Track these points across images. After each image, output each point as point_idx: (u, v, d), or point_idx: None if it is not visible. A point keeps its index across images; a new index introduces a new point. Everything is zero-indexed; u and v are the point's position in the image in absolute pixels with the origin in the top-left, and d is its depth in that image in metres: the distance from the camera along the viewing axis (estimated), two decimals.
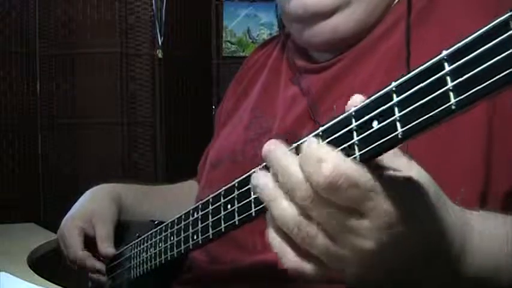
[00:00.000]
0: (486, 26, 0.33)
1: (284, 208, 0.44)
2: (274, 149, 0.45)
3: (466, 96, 0.34)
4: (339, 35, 0.76)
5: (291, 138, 0.76)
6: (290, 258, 0.46)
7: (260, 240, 0.74)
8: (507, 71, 0.32)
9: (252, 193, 0.52)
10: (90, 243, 0.96)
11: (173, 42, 2.48)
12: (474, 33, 0.34)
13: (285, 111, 0.81)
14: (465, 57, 0.34)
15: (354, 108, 0.42)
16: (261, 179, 0.46)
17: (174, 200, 1.08)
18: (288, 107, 0.81)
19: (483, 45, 0.33)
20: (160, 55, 2.35)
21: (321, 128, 0.45)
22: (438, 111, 0.35)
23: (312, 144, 0.42)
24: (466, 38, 0.34)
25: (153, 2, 2.33)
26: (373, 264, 0.45)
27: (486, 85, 0.33)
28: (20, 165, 2.30)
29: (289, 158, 0.44)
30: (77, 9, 2.37)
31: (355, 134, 0.41)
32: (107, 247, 0.95)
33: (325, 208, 0.42)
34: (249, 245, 0.76)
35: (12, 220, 1.91)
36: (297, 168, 0.43)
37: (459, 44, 0.35)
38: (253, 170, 0.52)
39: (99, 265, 0.97)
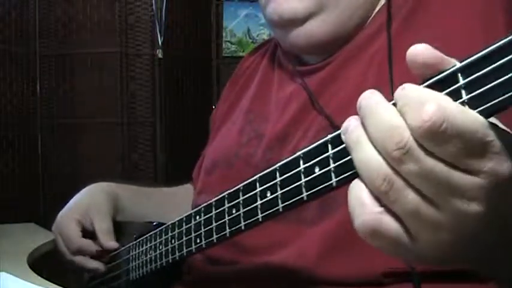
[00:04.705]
0: (500, 41, 0.33)
1: (368, 154, 0.37)
2: (369, 96, 0.38)
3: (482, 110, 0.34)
4: (315, 40, 0.78)
5: (284, 140, 0.77)
6: (366, 210, 0.38)
7: (260, 242, 0.74)
8: None
9: (258, 198, 0.52)
10: (87, 238, 0.96)
11: (173, 42, 2.48)
12: (488, 47, 0.34)
13: (278, 115, 0.82)
14: (479, 70, 0.34)
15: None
16: (351, 122, 0.39)
17: (170, 203, 1.08)
18: (281, 110, 0.82)
19: (497, 60, 0.33)
20: (160, 55, 2.34)
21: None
22: None
23: (411, 87, 0.36)
24: (481, 51, 0.34)
25: (153, 2, 2.32)
26: (473, 230, 0.37)
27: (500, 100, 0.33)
28: (20, 165, 2.29)
29: (382, 105, 0.37)
30: (77, 9, 2.36)
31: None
32: (109, 240, 0.94)
33: (422, 162, 0.35)
34: (248, 247, 0.76)
35: (12, 220, 1.90)
36: (389, 114, 0.36)
37: (473, 57, 0.35)
38: (258, 175, 0.52)
39: (101, 252, 0.96)
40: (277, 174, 0.50)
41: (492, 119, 0.35)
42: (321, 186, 0.44)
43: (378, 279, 0.65)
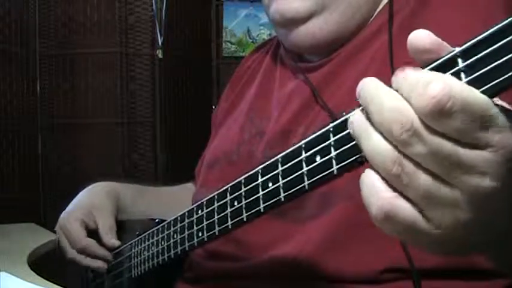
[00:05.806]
0: (498, 24, 0.33)
1: (375, 141, 0.37)
2: (368, 83, 0.38)
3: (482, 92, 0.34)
4: (317, 39, 0.78)
5: (285, 137, 0.77)
6: (380, 196, 0.37)
7: (262, 239, 0.74)
8: None
9: (260, 189, 0.52)
10: (90, 236, 0.96)
11: (173, 42, 2.48)
12: (487, 30, 0.34)
13: (279, 111, 0.82)
14: (478, 53, 0.34)
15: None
16: (355, 115, 0.39)
17: (171, 201, 1.08)
18: (282, 106, 0.82)
19: (495, 43, 0.33)
20: (160, 55, 2.35)
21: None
22: None
23: (412, 71, 0.36)
24: (479, 35, 0.34)
25: (153, 2, 2.33)
26: (489, 208, 0.37)
27: (500, 81, 0.33)
28: (20, 165, 2.29)
29: (382, 90, 0.37)
30: (77, 9, 2.36)
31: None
32: (111, 238, 0.95)
33: (429, 142, 0.35)
34: (249, 243, 0.76)
35: (12, 220, 1.90)
36: (391, 98, 0.36)
37: (472, 41, 0.35)
38: (260, 167, 0.52)
39: (106, 252, 0.96)
40: (279, 165, 0.50)
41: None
42: (322, 174, 0.44)
43: (377, 276, 0.66)
